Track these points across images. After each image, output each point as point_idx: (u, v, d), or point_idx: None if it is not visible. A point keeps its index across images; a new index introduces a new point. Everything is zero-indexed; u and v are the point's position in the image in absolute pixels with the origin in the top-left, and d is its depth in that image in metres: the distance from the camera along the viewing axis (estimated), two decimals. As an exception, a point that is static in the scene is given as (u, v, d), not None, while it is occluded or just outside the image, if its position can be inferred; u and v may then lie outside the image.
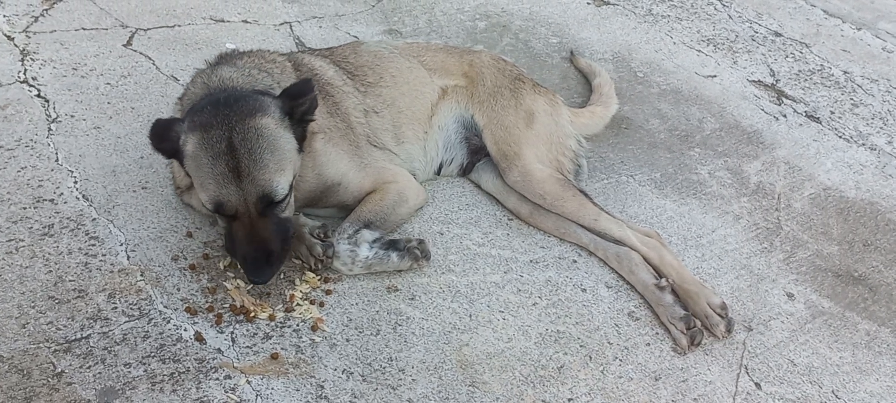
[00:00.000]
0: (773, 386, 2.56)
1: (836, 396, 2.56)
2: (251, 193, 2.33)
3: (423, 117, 3.10)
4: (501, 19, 4.53)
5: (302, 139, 2.50)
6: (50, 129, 3.02)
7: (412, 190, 2.92)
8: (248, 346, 2.36)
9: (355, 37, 4.06)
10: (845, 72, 4.55)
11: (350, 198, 2.79)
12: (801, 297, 2.94)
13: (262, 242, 2.35)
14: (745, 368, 2.60)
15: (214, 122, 2.35)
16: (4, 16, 3.63)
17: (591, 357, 2.53)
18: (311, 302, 2.53)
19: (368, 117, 2.96)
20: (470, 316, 2.60)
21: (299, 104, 2.46)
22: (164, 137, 2.39)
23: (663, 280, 2.76)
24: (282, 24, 4.07)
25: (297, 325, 2.45)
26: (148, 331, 2.35)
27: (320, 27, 4.10)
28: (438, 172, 3.21)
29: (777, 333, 2.77)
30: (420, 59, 3.20)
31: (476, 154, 3.19)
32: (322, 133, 2.72)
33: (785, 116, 4.06)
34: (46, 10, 3.74)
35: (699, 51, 4.57)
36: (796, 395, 2.54)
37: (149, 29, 3.78)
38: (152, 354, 2.28)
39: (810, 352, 2.71)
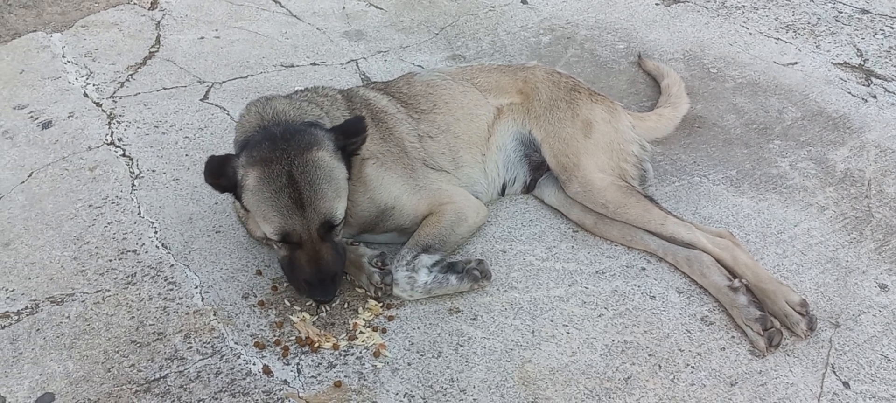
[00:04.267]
0: (863, 385, 2.38)
1: (939, 392, 2.36)
2: (314, 220, 2.46)
3: (481, 139, 3.10)
4: (566, 31, 4.48)
5: (350, 167, 2.61)
6: (133, 185, 3.23)
7: (471, 207, 2.91)
8: (312, 376, 2.42)
9: (420, 66, 4.13)
10: (944, 43, 4.23)
11: (406, 220, 2.83)
12: (896, 287, 2.74)
13: (325, 265, 2.51)
14: (832, 367, 2.44)
15: (273, 157, 2.47)
16: (94, 85, 3.92)
17: (660, 366, 2.44)
18: (374, 329, 2.57)
19: (423, 142, 2.99)
20: (533, 331, 2.56)
21: (351, 143, 2.58)
22: (220, 174, 2.52)
23: (736, 281, 2.63)
24: (348, 62, 4.20)
25: (360, 353, 2.49)
26: (220, 367, 2.45)
27: (385, 61, 4.20)
28: (502, 193, 3.20)
29: (868, 328, 2.58)
30: (473, 81, 3.22)
31: (537, 170, 3.16)
32: (374, 158, 2.78)
33: (875, 97, 3.80)
34: (131, 74, 4.01)
35: (777, 38, 4.36)
36: (891, 393, 2.35)
37: (224, 82, 3.98)
38: (224, 389, 2.38)
39: (908, 346, 2.51)
